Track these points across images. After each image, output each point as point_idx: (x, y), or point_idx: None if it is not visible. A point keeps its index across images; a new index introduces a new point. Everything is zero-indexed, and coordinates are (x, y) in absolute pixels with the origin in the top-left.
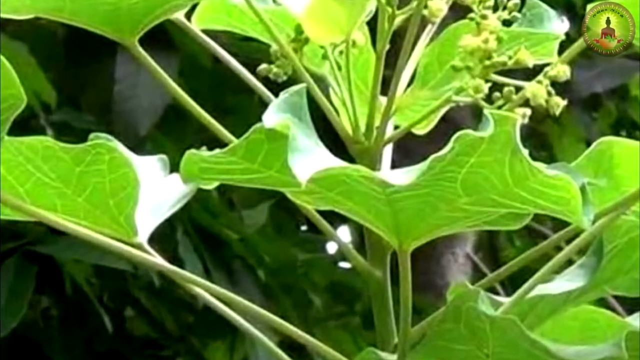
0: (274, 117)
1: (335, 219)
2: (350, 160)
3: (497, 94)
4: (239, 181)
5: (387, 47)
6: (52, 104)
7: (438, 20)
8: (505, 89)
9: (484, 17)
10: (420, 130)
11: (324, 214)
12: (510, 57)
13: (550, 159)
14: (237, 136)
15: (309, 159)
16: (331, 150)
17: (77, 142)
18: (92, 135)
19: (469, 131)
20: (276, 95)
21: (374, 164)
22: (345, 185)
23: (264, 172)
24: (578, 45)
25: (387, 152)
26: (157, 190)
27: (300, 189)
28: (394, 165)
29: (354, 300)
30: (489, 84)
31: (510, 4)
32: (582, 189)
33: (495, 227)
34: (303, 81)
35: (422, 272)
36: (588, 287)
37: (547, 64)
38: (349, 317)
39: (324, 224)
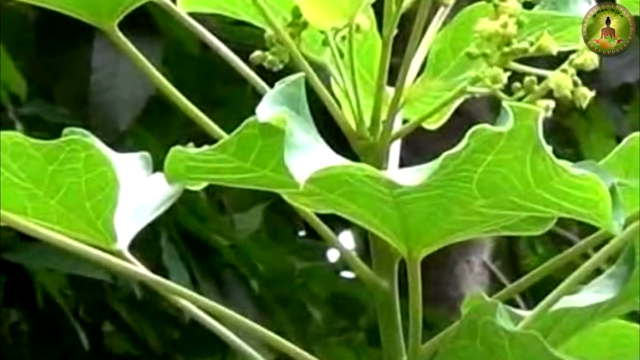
0: (268, 110)
1: (337, 223)
2: (354, 158)
3: (517, 84)
4: (230, 181)
5: (395, 32)
6: (22, 96)
7: (451, 2)
8: (526, 79)
9: None
10: (432, 124)
11: (324, 218)
12: (531, 43)
13: (576, 157)
14: (228, 131)
15: (308, 156)
16: (332, 147)
17: (50, 138)
18: (66, 130)
19: (486, 126)
20: (271, 85)
21: (380, 162)
22: (348, 186)
23: (258, 171)
24: None
25: (395, 149)
26: (139, 191)
27: (298, 190)
28: (402, 164)
29: (358, 313)
30: (508, 73)
31: None
32: (612, 190)
33: (515, 232)
34: (301, 70)
35: (434, 282)
36: (618, 299)
37: (573, 51)
38: (352, 332)
39: (324, 229)
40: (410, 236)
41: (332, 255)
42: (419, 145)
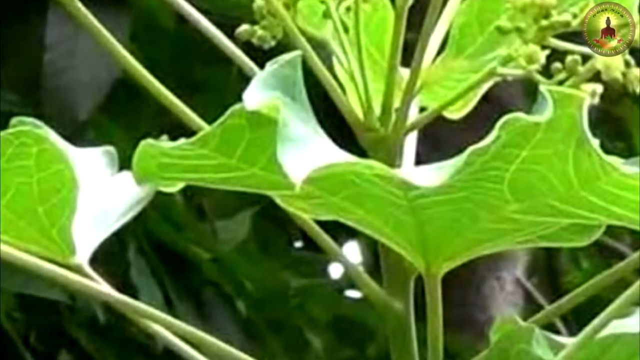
0: (258, 95)
1: (341, 232)
2: (361, 153)
3: (557, 64)
4: (212, 182)
5: (410, 1)
6: None
7: None
8: (569, 59)
9: None
10: (455, 113)
11: (325, 226)
12: (574, 16)
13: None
14: (209, 121)
15: (306, 151)
16: (335, 141)
17: None
18: (14, 120)
19: (520, 115)
20: (261, 66)
21: (393, 159)
22: (354, 188)
23: (245, 169)
24: None
25: (411, 143)
26: (102, 193)
27: (293, 193)
28: (419, 160)
29: (366, 341)
30: (547, 52)
31: None
32: None
33: (554, 243)
34: (297, 48)
35: (457, 303)
36: None
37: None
38: None
39: (325, 239)
40: (428, 248)
41: (335, 271)
42: (439, 138)
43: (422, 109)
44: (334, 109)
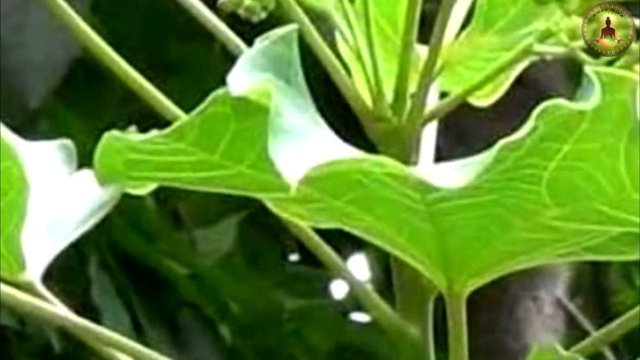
0: (245, 78)
1: (345, 243)
2: (370, 148)
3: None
4: (190, 182)
5: None
6: None
7: None
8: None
9: None
10: (483, 100)
11: (326, 235)
12: None
13: None
14: (187, 109)
15: (303, 146)
16: (338, 133)
17: None
18: None
19: (561, 101)
20: (249, 43)
21: (408, 155)
22: (361, 189)
23: (230, 167)
24: None
25: (429, 136)
26: (58, 196)
27: (288, 195)
28: (440, 156)
29: None
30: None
31: None
32: None
33: (602, 256)
34: (293, 21)
35: (486, 328)
36: None
37: None
38: None
39: (326, 251)
40: (450, 262)
41: (338, 290)
42: (464, 130)
43: (443, 95)
44: (336, 94)
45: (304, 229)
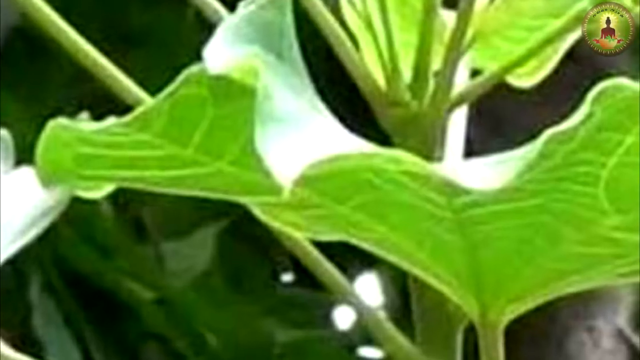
0: (226, 52)
1: (352, 260)
2: (383, 140)
3: None
4: (157, 183)
5: None
6: None
7: None
8: None
9: None
10: (525, 79)
11: (328, 250)
12: None
13: None
14: (153, 91)
15: (298, 137)
16: (343, 120)
17: None
18: None
19: (624, 81)
20: (231, 8)
21: (431, 148)
22: (372, 192)
23: (207, 164)
24: None
25: (458, 125)
26: None
27: (280, 200)
28: (471, 150)
29: None
30: None
31: None
32: None
33: None
34: None
35: None
36: None
37: None
38: None
39: (328, 270)
40: (484, 283)
41: (342, 319)
42: (501, 117)
43: (475, 73)
44: (340, 72)
45: (300, 242)
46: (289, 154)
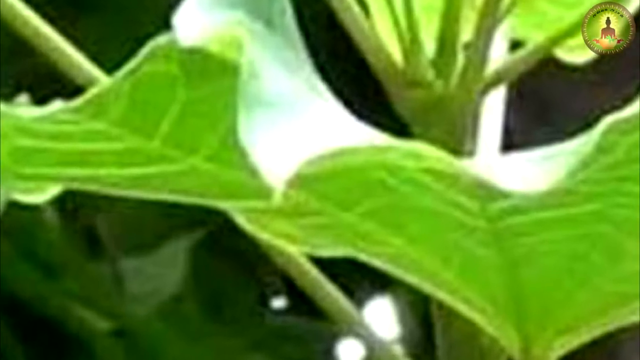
0: (202, 19)
1: (360, 281)
2: (399, 129)
3: None
4: (115, 184)
5: None
6: None
7: None
8: None
9: None
10: (578, 54)
11: (331, 268)
12: None
13: None
14: (109, 67)
15: (292, 125)
16: (349, 104)
17: None
18: None
19: None
20: None
21: (460, 140)
22: (386, 195)
23: (178, 159)
24: None
25: (494, 111)
26: None
27: (269, 205)
28: (510, 142)
29: None
30: None
31: None
32: None
33: None
34: None
35: None
36: None
37: None
38: None
39: (330, 293)
40: (528, 310)
41: (348, 354)
42: (549, 101)
43: (516, 45)
44: (346, 45)
45: (295, 258)
46: (281, 148)
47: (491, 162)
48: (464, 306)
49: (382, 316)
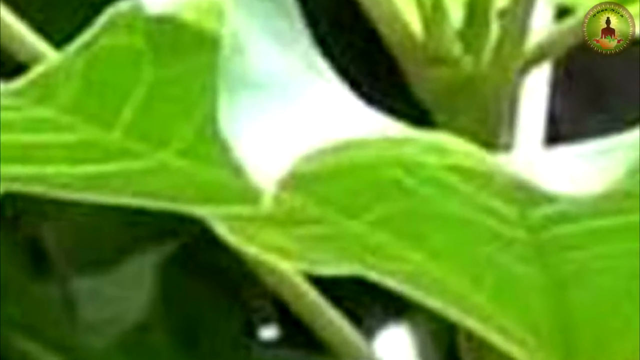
0: None
1: (371, 305)
2: (418, 117)
3: None
4: (65, 185)
5: None
6: None
7: None
8: None
9: None
10: None
11: (334, 288)
12: None
13: None
14: (58, 40)
15: (285, 112)
16: (357, 86)
17: None
18: None
19: None
20: None
21: (493, 129)
22: (403, 198)
23: (144, 154)
24: None
25: (536, 94)
26: None
27: (257, 211)
28: (556, 133)
29: None
30: None
31: None
32: None
33: None
34: None
35: None
36: None
37: None
38: None
39: (332, 321)
40: (578, 342)
41: None
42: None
43: (563, 13)
44: (352, 12)
45: (289, 278)
46: (272, 140)
47: (533, 158)
48: (499, 337)
49: (397, 349)
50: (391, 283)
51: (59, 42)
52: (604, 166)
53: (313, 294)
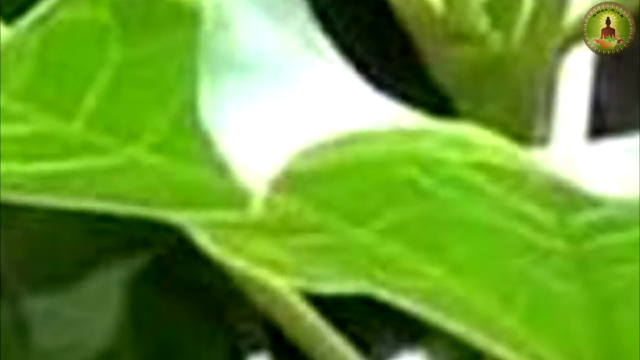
0: None
1: (381, 329)
2: (437, 105)
3: None
4: (15, 186)
5: None
6: None
7: None
8: None
9: None
10: None
11: (336, 311)
12: None
13: None
14: (7, 14)
15: (278, 99)
16: (364, 68)
17: None
18: None
19: None
20: None
21: (526, 120)
22: (419, 202)
23: (110, 149)
24: None
25: (577, 78)
26: None
27: (245, 218)
28: (602, 124)
29: None
30: None
31: None
32: None
33: None
34: None
35: None
36: None
37: None
38: None
39: (335, 347)
40: None
41: None
42: None
43: None
44: None
45: (283, 297)
46: (263, 132)
47: (574, 154)
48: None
49: None
50: (405, 303)
51: (9, 16)
52: None
53: (311, 317)
